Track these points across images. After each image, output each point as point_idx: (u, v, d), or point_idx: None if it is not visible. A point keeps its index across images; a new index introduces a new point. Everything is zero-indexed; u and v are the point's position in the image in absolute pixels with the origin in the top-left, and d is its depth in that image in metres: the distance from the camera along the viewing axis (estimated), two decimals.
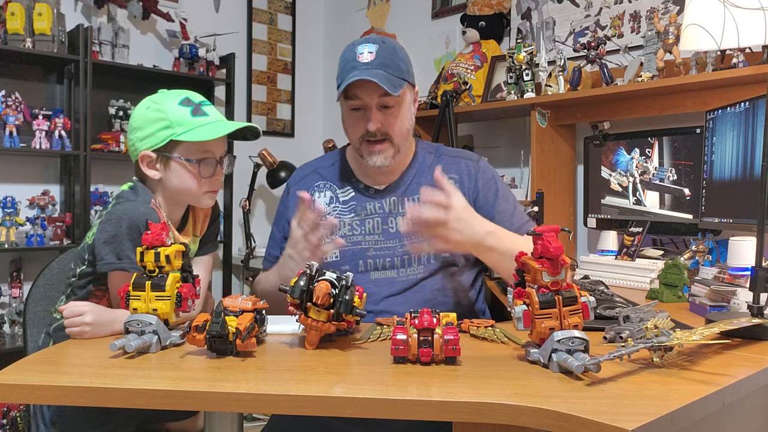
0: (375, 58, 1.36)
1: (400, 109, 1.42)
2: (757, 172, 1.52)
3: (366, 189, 1.51)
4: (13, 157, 2.99)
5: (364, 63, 1.36)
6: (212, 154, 1.37)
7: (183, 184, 1.36)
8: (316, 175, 1.57)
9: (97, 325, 1.19)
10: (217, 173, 1.38)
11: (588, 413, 0.77)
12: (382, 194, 1.50)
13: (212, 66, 3.44)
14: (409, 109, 1.47)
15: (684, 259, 1.73)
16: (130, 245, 1.26)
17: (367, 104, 1.39)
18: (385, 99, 1.39)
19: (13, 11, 2.80)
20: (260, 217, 3.89)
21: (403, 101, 1.43)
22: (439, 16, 3.43)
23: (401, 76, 1.39)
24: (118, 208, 1.31)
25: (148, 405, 0.90)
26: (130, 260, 1.25)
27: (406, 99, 1.44)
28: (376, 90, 1.36)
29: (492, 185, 1.50)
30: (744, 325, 1.11)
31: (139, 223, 1.26)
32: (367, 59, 1.36)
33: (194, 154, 1.35)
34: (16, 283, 2.93)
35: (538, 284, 0.98)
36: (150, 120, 1.36)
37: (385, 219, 1.46)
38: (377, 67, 1.35)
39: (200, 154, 1.35)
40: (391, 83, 1.35)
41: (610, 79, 2.34)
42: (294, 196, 1.53)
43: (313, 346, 1.09)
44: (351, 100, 1.41)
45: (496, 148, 3.04)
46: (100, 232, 1.29)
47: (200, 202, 1.41)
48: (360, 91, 1.38)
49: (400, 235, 1.44)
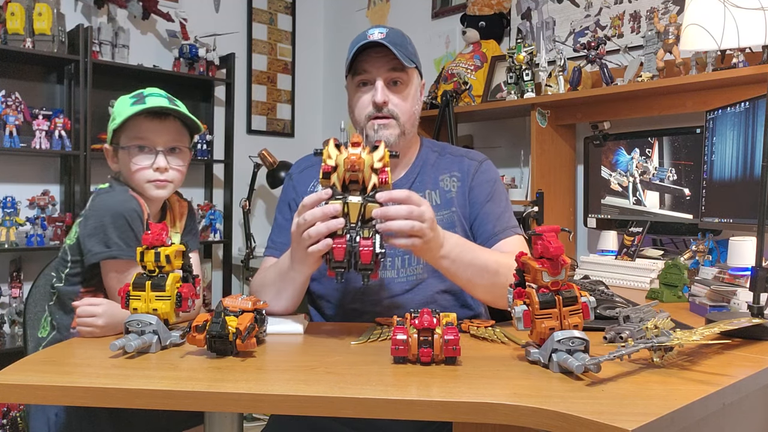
0: (385, 37, 1.36)
1: (407, 88, 1.42)
2: (757, 172, 1.52)
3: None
4: (13, 157, 2.99)
5: (375, 40, 1.35)
6: (148, 141, 1.37)
7: (127, 173, 1.39)
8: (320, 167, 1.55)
9: (108, 328, 1.20)
10: (158, 162, 1.37)
11: (588, 413, 0.77)
12: None
13: (212, 66, 3.44)
14: (417, 94, 1.47)
15: (684, 259, 1.73)
16: (116, 232, 1.27)
17: (374, 77, 1.39)
18: (394, 74, 1.39)
19: (13, 11, 2.80)
20: (260, 217, 3.89)
21: (411, 81, 1.43)
22: (439, 16, 3.43)
23: (410, 57, 1.39)
24: (95, 201, 1.36)
25: (148, 405, 0.90)
26: (118, 247, 1.27)
27: (414, 81, 1.44)
28: (385, 63, 1.37)
29: (487, 186, 1.48)
30: (744, 325, 1.11)
31: (121, 210, 1.29)
32: (377, 37, 1.36)
33: (128, 141, 1.37)
34: (16, 283, 2.93)
35: (538, 284, 0.98)
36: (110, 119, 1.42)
37: None
38: (388, 42, 1.35)
39: (133, 141, 1.37)
40: (402, 55, 1.35)
41: (610, 79, 2.34)
42: (299, 183, 1.53)
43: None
44: (359, 75, 1.40)
45: (496, 148, 3.04)
46: (83, 228, 1.32)
47: (145, 190, 1.38)
48: (368, 65, 1.38)
49: None
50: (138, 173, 1.37)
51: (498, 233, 1.41)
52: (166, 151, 1.39)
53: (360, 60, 1.38)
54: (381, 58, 1.36)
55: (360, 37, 1.39)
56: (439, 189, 1.47)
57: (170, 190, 1.42)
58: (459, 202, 1.45)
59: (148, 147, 1.37)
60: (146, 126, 1.37)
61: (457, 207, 1.45)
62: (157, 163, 1.37)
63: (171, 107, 1.38)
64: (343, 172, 1.10)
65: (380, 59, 1.37)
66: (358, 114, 1.43)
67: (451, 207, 1.45)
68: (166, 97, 1.41)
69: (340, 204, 1.09)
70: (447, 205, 1.45)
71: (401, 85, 1.41)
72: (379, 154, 1.12)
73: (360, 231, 1.09)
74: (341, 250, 1.08)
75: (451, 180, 1.48)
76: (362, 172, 1.10)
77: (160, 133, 1.38)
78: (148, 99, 1.38)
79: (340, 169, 1.10)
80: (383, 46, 1.34)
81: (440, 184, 1.47)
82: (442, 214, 1.44)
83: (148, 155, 1.37)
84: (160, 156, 1.38)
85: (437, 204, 1.45)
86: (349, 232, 1.09)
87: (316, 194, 1.12)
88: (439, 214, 1.45)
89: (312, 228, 1.09)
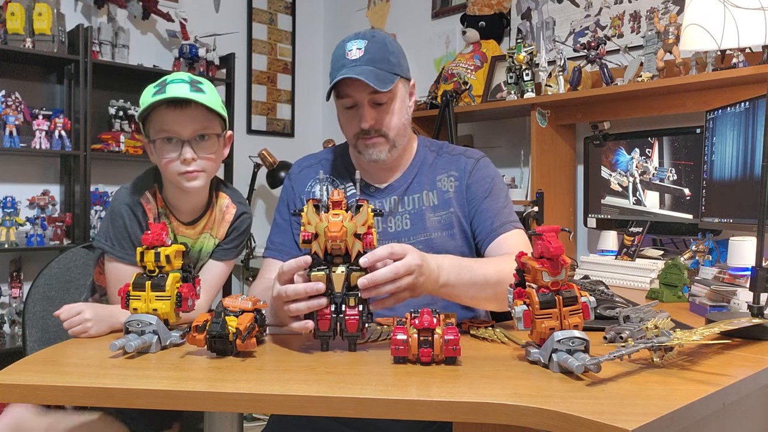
0: (363, 54, 1.33)
1: (392, 104, 1.39)
2: (757, 172, 1.52)
3: (367, 187, 1.49)
4: (13, 157, 2.99)
5: (353, 60, 1.33)
6: (173, 133, 1.31)
7: (159, 165, 1.36)
8: (319, 167, 1.54)
9: (96, 321, 1.20)
10: (184, 153, 1.31)
11: (588, 413, 0.77)
12: (383, 193, 1.48)
13: (212, 66, 3.44)
14: (404, 104, 1.43)
15: (684, 259, 1.73)
16: (105, 226, 1.38)
17: (358, 101, 1.37)
18: (376, 96, 1.36)
19: (13, 11, 2.80)
20: (260, 217, 3.89)
21: (395, 96, 1.40)
22: (439, 16, 3.43)
23: (392, 71, 1.36)
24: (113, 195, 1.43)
25: (148, 405, 0.90)
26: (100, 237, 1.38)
27: (399, 94, 1.41)
28: (366, 87, 1.33)
29: (485, 183, 1.47)
30: (744, 325, 1.11)
31: (115, 207, 1.37)
32: (355, 56, 1.33)
33: (154, 134, 1.33)
34: (16, 283, 2.93)
35: (538, 284, 0.98)
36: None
37: (386, 219, 1.46)
38: (366, 63, 1.33)
39: (159, 133, 1.32)
40: (380, 79, 1.32)
41: (610, 79, 2.34)
42: (297, 183, 1.52)
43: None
44: (343, 99, 1.39)
45: (496, 148, 3.04)
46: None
47: (179, 183, 1.34)
48: (350, 90, 1.36)
49: (400, 236, 1.44)
50: (168, 166, 1.33)
51: (497, 228, 1.40)
52: (194, 141, 1.32)
53: (341, 83, 1.34)
54: (361, 83, 1.32)
55: (339, 52, 1.36)
56: (436, 189, 1.46)
57: (204, 180, 1.36)
58: (457, 201, 1.45)
59: (175, 138, 1.31)
60: (169, 117, 1.30)
61: (455, 207, 1.44)
62: (183, 155, 1.31)
63: (190, 97, 1.29)
64: (325, 241, 1.06)
65: (361, 84, 1.32)
66: (347, 132, 1.43)
67: (449, 208, 1.44)
68: (188, 82, 1.32)
69: (323, 279, 1.05)
70: (445, 205, 1.45)
71: (387, 103, 1.38)
72: (362, 218, 1.07)
73: (345, 299, 1.06)
74: (326, 322, 1.06)
75: (449, 180, 1.47)
76: (345, 242, 1.05)
77: (184, 123, 1.31)
78: (169, 87, 1.30)
79: (321, 239, 1.06)
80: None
81: (438, 185, 1.47)
82: (440, 215, 1.44)
83: (175, 146, 1.31)
84: (186, 147, 1.31)
85: (435, 205, 1.45)
86: (335, 301, 1.06)
87: (296, 261, 1.07)
88: (436, 215, 1.44)
89: (293, 305, 1.07)
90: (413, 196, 1.46)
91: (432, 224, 1.43)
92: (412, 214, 1.44)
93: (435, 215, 1.44)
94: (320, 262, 1.07)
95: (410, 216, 1.44)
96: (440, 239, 1.42)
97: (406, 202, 1.46)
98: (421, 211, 1.44)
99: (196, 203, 1.42)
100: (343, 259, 1.08)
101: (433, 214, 1.44)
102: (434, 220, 1.44)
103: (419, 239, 1.42)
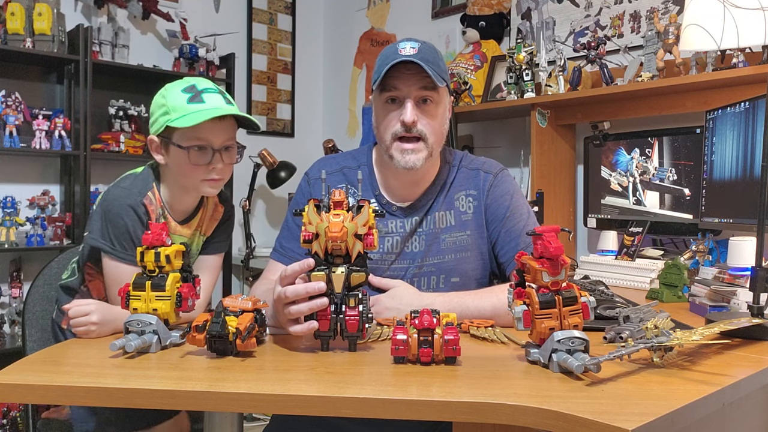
0: (417, 53, 1.30)
1: (438, 108, 1.35)
2: (757, 172, 1.52)
3: (388, 205, 1.44)
4: (13, 157, 2.99)
5: (407, 55, 1.29)
6: (207, 142, 1.35)
7: (179, 170, 1.37)
8: (340, 175, 1.47)
9: (102, 324, 1.20)
10: (214, 162, 1.36)
11: (588, 413, 0.77)
12: (405, 212, 1.44)
13: (212, 66, 3.44)
14: (446, 113, 1.40)
15: (684, 259, 1.73)
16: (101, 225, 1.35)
17: (404, 95, 1.32)
18: (424, 92, 1.32)
19: (13, 11, 2.80)
20: (260, 217, 3.89)
21: (441, 100, 1.36)
22: (439, 16, 3.43)
23: (442, 75, 1.33)
24: (104, 193, 1.40)
25: (148, 405, 0.90)
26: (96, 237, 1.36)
27: (443, 100, 1.37)
28: (416, 81, 1.31)
29: (503, 201, 1.43)
30: (744, 325, 1.11)
31: (114, 207, 1.35)
32: (409, 52, 1.30)
33: (187, 140, 1.34)
34: (16, 283, 2.93)
35: (538, 284, 0.98)
36: (156, 106, 1.39)
37: (405, 239, 1.42)
38: (420, 59, 1.29)
39: (193, 141, 1.34)
40: (434, 73, 1.29)
41: (610, 79, 2.34)
42: (315, 187, 1.46)
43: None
44: (388, 92, 1.34)
45: (496, 148, 3.04)
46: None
47: (199, 189, 1.40)
48: (399, 82, 1.31)
49: (415, 256, 1.41)
50: (194, 172, 1.36)
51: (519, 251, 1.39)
52: (222, 150, 1.37)
53: (390, 75, 1.30)
54: (413, 76, 1.30)
55: (391, 50, 1.33)
56: (454, 209, 1.44)
57: (221, 186, 1.43)
58: (475, 223, 1.43)
59: (206, 147, 1.35)
60: (207, 128, 1.33)
61: (472, 230, 1.43)
62: (215, 164, 1.36)
63: (231, 112, 1.35)
64: (325, 241, 1.06)
65: (412, 77, 1.30)
66: (384, 131, 1.36)
67: (466, 230, 1.43)
68: (218, 91, 1.38)
69: (323, 279, 1.06)
70: (461, 227, 1.43)
71: (431, 104, 1.34)
72: (363, 218, 1.08)
73: (345, 299, 1.07)
74: (326, 322, 1.06)
75: (467, 200, 1.44)
76: (345, 242, 1.06)
77: (219, 133, 1.36)
78: (206, 97, 1.34)
79: (322, 239, 1.07)
80: (416, 63, 1.28)
81: (455, 204, 1.44)
82: (456, 235, 1.42)
83: (204, 154, 1.35)
84: (217, 155, 1.36)
85: (451, 225, 1.43)
86: (335, 302, 1.07)
87: (299, 265, 1.07)
88: (452, 236, 1.42)
89: (293, 306, 1.07)
90: (432, 215, 1.44)
91: (446, 246, 1.42)
92: (428, 234, 1.42)
93: (450, 236, 1.43)
94: (321, 263, 1.08)
95: (426, 237, 1.42)
96: (453, 261, 1.41)
97: (425, 224, 1.44)
98: (437, 232, 1.42)
99: (192, 203, 1.46)
100: (344, 260, 1.08)
101: (449, 235, 1.43)
102: (449, 242, 1.42)
103: (432, 261, 1.41)
